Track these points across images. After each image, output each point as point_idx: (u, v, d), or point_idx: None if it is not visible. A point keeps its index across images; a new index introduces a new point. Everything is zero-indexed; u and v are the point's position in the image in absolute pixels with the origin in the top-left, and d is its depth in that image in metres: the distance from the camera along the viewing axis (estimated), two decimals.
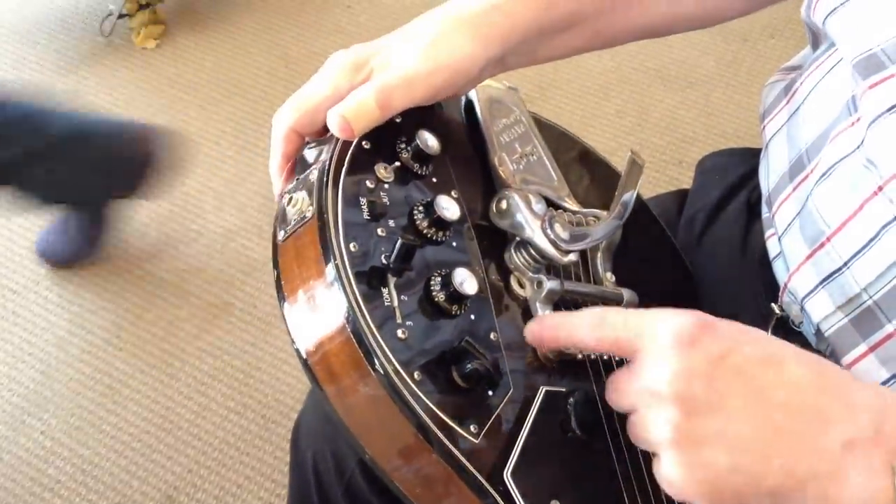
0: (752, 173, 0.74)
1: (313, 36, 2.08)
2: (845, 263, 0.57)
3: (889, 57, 0.55)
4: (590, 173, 0.72)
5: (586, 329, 0.51)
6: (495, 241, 0.60)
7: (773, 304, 0.65)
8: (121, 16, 2.10)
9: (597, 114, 1.87)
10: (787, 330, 0.65)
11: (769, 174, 0.67)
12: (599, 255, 0.65)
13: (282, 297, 0.54)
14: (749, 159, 0.76)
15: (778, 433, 0.45)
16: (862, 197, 0.55)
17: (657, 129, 1.87)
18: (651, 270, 0.59)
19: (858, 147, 0.56)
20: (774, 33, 2.03)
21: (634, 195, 0.64)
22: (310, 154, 0.59)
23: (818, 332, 0.62)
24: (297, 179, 0.58)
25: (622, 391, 0.49)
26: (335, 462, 0.75)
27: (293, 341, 0.53)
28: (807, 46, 0.74)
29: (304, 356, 0.52)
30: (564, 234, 0.58)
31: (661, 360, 0.46)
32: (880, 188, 0.54)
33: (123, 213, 1.63)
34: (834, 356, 0.61)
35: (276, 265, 0.55)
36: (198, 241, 1.69)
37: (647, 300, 0.64)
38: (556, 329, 0.53)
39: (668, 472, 0.46)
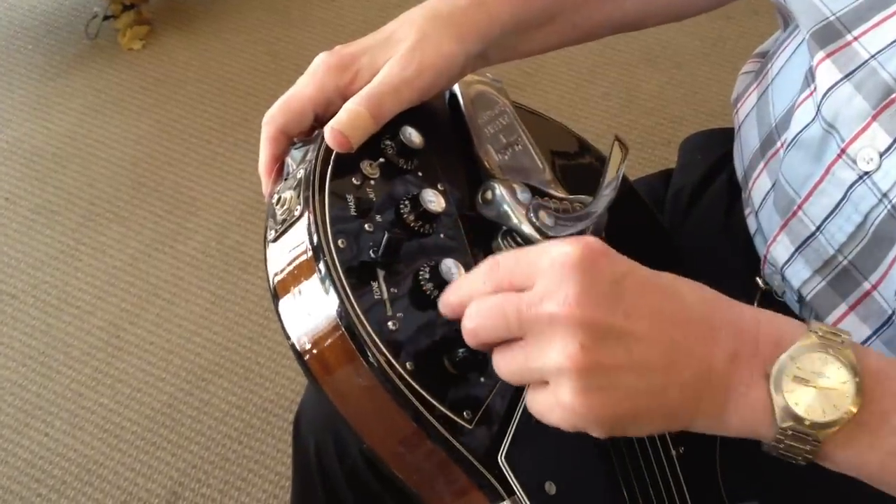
0: (732, 153, 0.76)
1: (299, 30, 2.09)
2: (818, 228, 0.59)
3: (845, 25, 0.56)
4: (576, 160, 0.74)
5: (482, 277, 0.48)
6: (483, 231, 0.61)
7: (756, 278, 0.67)
8: (105, 17, 2.10)
9: (584, 97, 1.88)
10: (770, 301, 0.66)
11: (743, 155, 0.68)
12: None
13: (275, 295, 0.55)
14: (730, 140, 0.78)
15: (677, 351, 0.45)
16: (826, 162, 0.57)
17: (644, 110, 1.88)
18: (640, 253, 0.60)
19: (816, 115, 0.57)
20: (758, 9, 2.04)
21: (619, 179, 0.65)
22: (297, 154, 0.60)
23: (800, 299, 0.63)
24: (285, 179, 0.59)
25: (509, 310, 0.45)
26: (337, 449, 0.77)
27: (288, 337, 0.55)
28: (778, 30, 0.76)
29: (300, 351, 0.54)
30: (549, 221, 0.60)
31: (562, 282, 0.44)
32: (843, 151, 0.56)
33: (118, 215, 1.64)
34: (817, 319, 0.62)
35: (268, 263, 0.57)
36: (193, 239, 1.70)
37: None
38: (458, 290, 0.50)
39: (568, 395, 0.44)
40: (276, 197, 0.57)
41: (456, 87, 0.68)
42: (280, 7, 2.15)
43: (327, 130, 0.57)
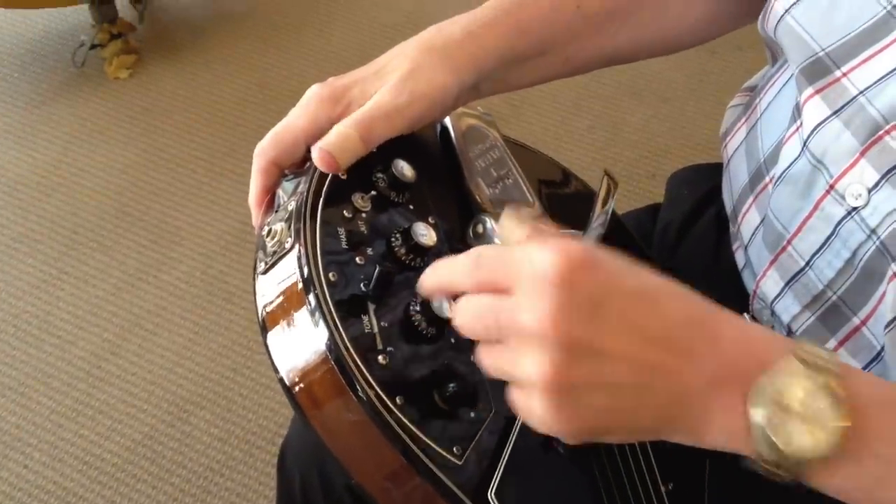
0: (721, 187, 0.76)
1: (288, 60, 2.09)
2: (807, 263, 0.60)
3: (834, 61, 0.57)
4: (565, 193, 0.74)
5: (463, 268, 0.47)
6: None
7: (745, 314, 0.67)
8: (93, 46, 2.10)
9: (569, 130, 1.89)
10: None
11: (732, 189, 0.69)
12: None
13: (263, 328, 0.55)
14: (717, 174, 0.78)
15: (652, 372, 0.44)
16: (815, 198, 0.57)
17: (629, 143, 1.89)
18: None
19: (802, 151, 0.58)
20: (742, 45, 2.06)
21: (609, 214, 0.65)
22: (288, 186, 0.60)
23: (789, 333, 0.63)
24: (276, 211, 0.59)
25: (488, 315, 0.45)
26: (322, 484, 0.76)
27: (276, 370, 0.54)
28: (766, 65, 0.77)
29: (288, 385, 0.53)
30: None
31: (539, 297, 0.43)
32: (831, 187, 0.56)
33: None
34: None
35: (257, 296, 0.56)
36: (177, 269, 1.69)
37: None
38: (436, 273, 0.49)
39: (539, 412, 0.44)
40: (266, 229, 0.57)
41: (447, 120, 0.68)
42: (269, 37, 2.15)
43: (315, 150, 0.56)
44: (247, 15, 2.23)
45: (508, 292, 0.44)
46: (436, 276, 0.50)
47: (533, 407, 0.44)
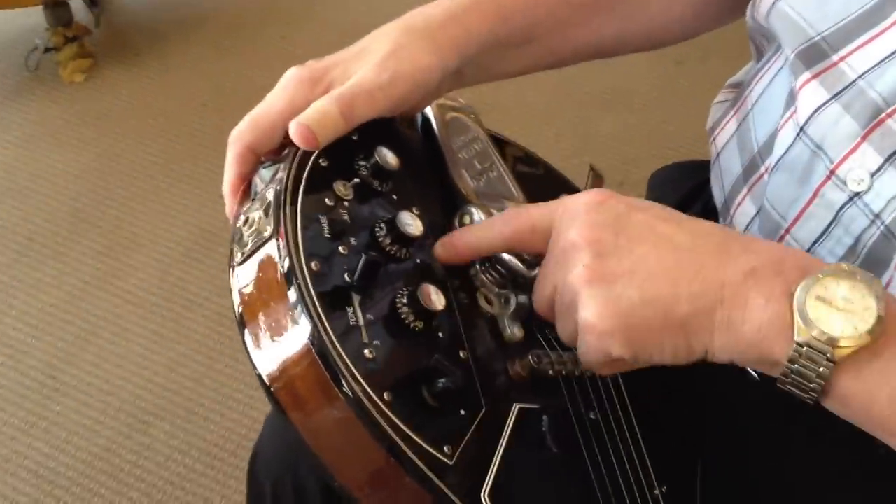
0: (703, 184, 0.75)
1: (248, 67, 2.05)
2: (808, 252, 0.58)
3: (831, 46, 0.56)
4: (549, 189, 0.72)
5: (500, 224, 0.53)
6: None
7: None
8: (47, 49, 2.04)
9: (538, 137, 1.88)
10: None
11: (723, 183, 0.67)
12: None
13: (241, 322, 0.52)
14: (699, 172, 0.77)
15: (683, 265, 0.47)
16: (814, 184, 0.56)
17: (597, 151, 1.88)
18: None
19: (798, 136, 0.56)
20: (707, 56, 2.06)
21: None
22: (265, 173, 0.57)
23: None
24: (253, 199, 0.56)
25: (546, 270, 0.51)
26: (296, 491, 0.73)
27: (255, 367, 0.51)
28: (749, 63, 0.75)
29: (268, 382, 0.50)
30: None
31: (573, 221, 0.49)
32: (832, 172, 0.55)
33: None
34: None
35: (233, 288, 0.53)
36: (134, 276, 1.64)
37: None
38: (468, 234, 0.55)
39: (585, 311, 0.47)
40: (242, 218, 0.54)
41: (429, 111, 0.66)
42: (228, 41, 2.12)
43: (293, 125, 0.54)
44: (205, 19, 2.19)
45: (545, 236, 0.51)
46: (467, 232, 0.55)
47: (583, 311, 0.48)
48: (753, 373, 0.66)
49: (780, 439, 0.64)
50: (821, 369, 0.44)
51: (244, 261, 0.53)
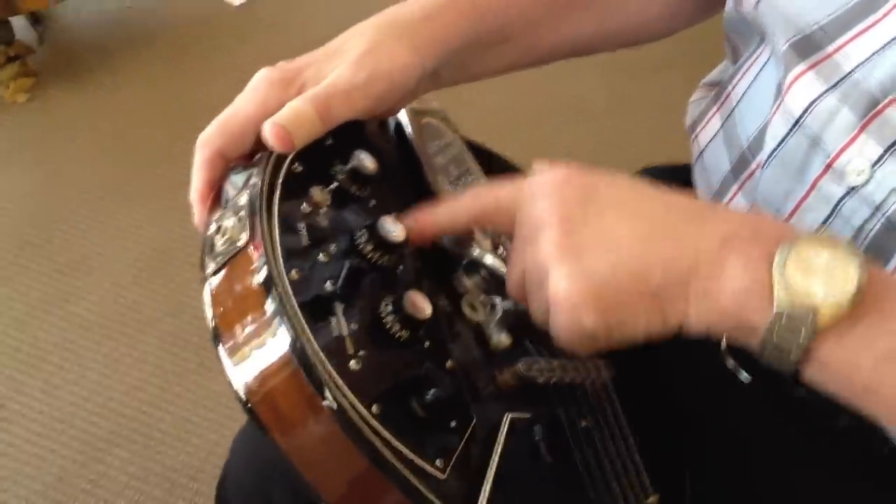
0: (683, 186, 0.74)
1: (198, 83, 2.02)
2: None
3: (826, 35, 0.55)
4: None
5: (467, 200, 0.52)
6: (439, 265, 0.57)
7: None
8: None
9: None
10: None
11: (709, 180, 0.66)
12: None
13: (216, 335, 0.49)
14: (674, 174, 0.76)
15: (655, 233, 0.45)
16: (811, 177, 0.55)
17: (554, 160, 1.88)
18: None
19: (794, 129, 0.55)
20: (659, 68, 2.08)
21: None
22: (237, 179, 0.54)
23: None
24: (225, 206, 0.53)
25: (515, 250, 0.50)
26: None
27: (231, 382, 0.48)
28: (722, 62, 0.75)
29: (246, 398, 0.47)
30: None
31: (540, 197, 0.48)
32: (829, 165, 0.54)
33: None
34: None
35: (206, 301, 0.50)
36: (85, 299, 1.59)
37: None
38: (434, 213, 0.53)
39: (556, 286, 0.46)
40: (214, 226, 0.51)
41: (401, 115, 0.64)
42: (178, 59, 2.08)
43: (268, 125, 0.52)
44: (154, 37, 2.15)
45: (510, 215, 0.49)
46: (432, 212, 0.53)
47: (553, 286, 0.46)
48: (745, 373, 0.65)
49: (775, 442, 0.63)
50: (801, 338, 0.43)
51: (217, 270, 0.50)
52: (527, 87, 2.02)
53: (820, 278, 0.42)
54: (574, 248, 0.45)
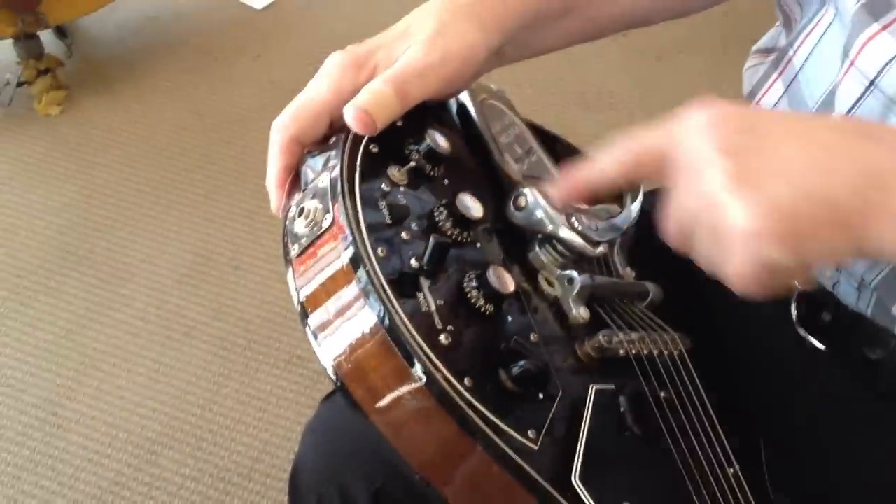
0: None
1: (225, 88, 2.03)
2: None
3: None
4: None
5: (615, 153, 0.51)
6: (515, 241, 0.57)
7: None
8: (19, 84, 2.00)
9: None
10: (812, 302, 0.64)
11: None
12: (616, 251, 0.63)
13: (304, 315, 0.50)
14: None
15: (834, 156, 0.44)
16: None
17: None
18: (664, 262, 0.57)
19: (869, 90, 0.55)
20: (683, 49, 2.07)
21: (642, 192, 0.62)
22: (314, 162, 0.55)
23: (861, 286, 0.61)
24: (304, 190, 0.53)
25: (676, 195, 0.47)
26: (343, 501, 0.71)
27: (321, 358, 0.49)
28: (773, 27, 0.74)
29: (338, 376, 0.48)
30: (592, 225, 0.56)
31: (699, 134, 0.45)
32: None
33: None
34: (881, 306, 0.60)
35: (291, 282, 0.51)
36: (130, 306, 1.60)
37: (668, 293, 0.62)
38: (583, 171, 0.52)
39: (734, 219, 0.43)
40: (295, 209, 0.52)
41: (464, 97, 0.64)
42: (204, 65, 2.09)
43: (350, 109, 0.52)
44: (179, 45, 2.16)
45: (659, 162, 0.48)
46: (581, 169, 0.52)
47: (736, 219, 0.43)
48: (816, 342, 0.65)
49: (848, 410, 0.63)
50: None
51: (303, 251, 0.50)
52: (549, 76, 2.02)
53: None
54: (751, 177, 0.43)
